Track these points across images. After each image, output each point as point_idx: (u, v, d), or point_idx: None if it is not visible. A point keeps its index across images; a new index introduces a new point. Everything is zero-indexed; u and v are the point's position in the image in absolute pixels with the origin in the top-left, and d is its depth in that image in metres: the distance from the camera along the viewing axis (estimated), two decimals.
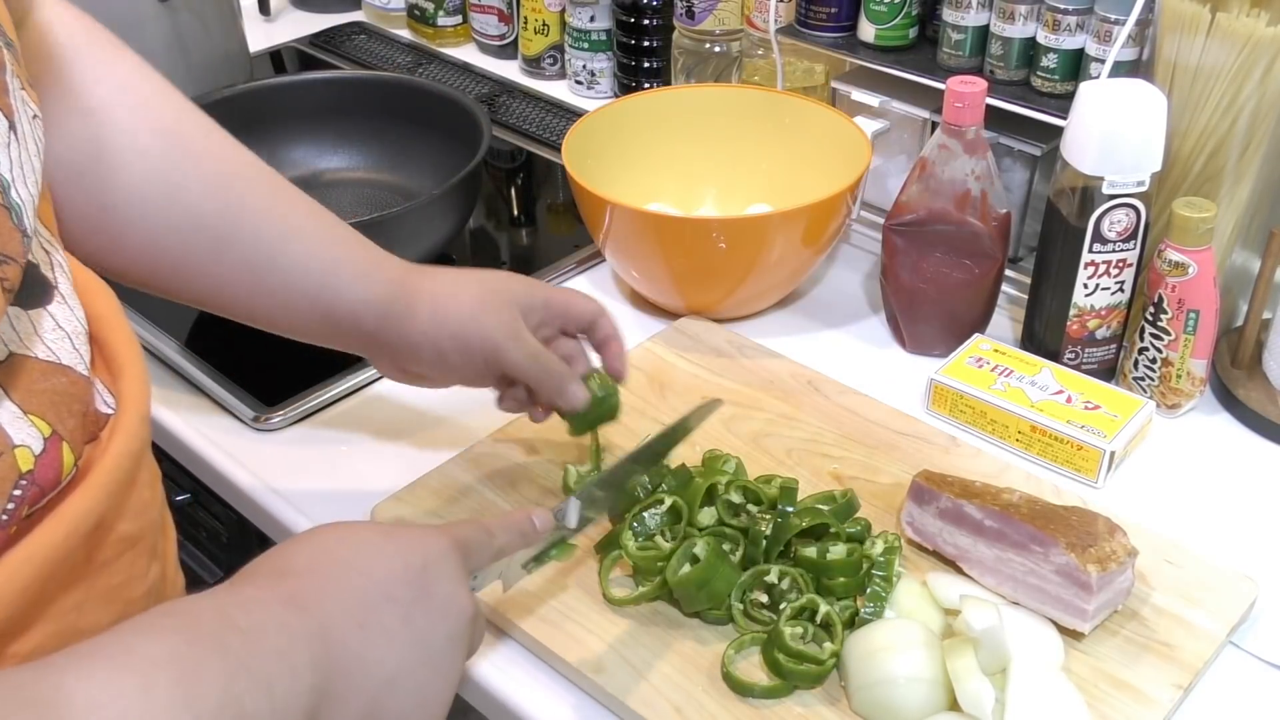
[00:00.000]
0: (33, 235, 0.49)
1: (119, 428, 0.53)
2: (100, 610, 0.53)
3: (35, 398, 0.48)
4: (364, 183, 1.18)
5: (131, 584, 0.55)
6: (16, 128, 0.48)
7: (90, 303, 0.57)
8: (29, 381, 0.48)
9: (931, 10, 1.01)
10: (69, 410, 0.50)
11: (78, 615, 0.52)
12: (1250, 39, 0.81)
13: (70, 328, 0.52)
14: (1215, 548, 0.77)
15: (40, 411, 0.48)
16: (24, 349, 0.49)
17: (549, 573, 0.75)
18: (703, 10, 1.20)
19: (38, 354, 0.49)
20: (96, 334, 0.57)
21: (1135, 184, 0.84)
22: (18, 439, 0.47)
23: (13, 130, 0.47)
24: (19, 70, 0.51)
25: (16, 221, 0.46)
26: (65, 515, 0.49)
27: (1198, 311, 0.85)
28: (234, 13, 1.36)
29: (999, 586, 0.72)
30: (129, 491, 0.54)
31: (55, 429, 0.48)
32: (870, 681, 0.66)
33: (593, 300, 0.79)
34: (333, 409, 0.92)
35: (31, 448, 0.47)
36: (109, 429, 0.53)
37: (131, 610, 0.56)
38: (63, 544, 0.48)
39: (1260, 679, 0.71)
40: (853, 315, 1.02)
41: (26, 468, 0.47)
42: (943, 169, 0.90)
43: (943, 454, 0.84)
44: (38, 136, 0.51)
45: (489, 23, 1.46)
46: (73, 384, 0.51)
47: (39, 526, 0.48)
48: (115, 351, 0.57)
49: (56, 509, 0.49)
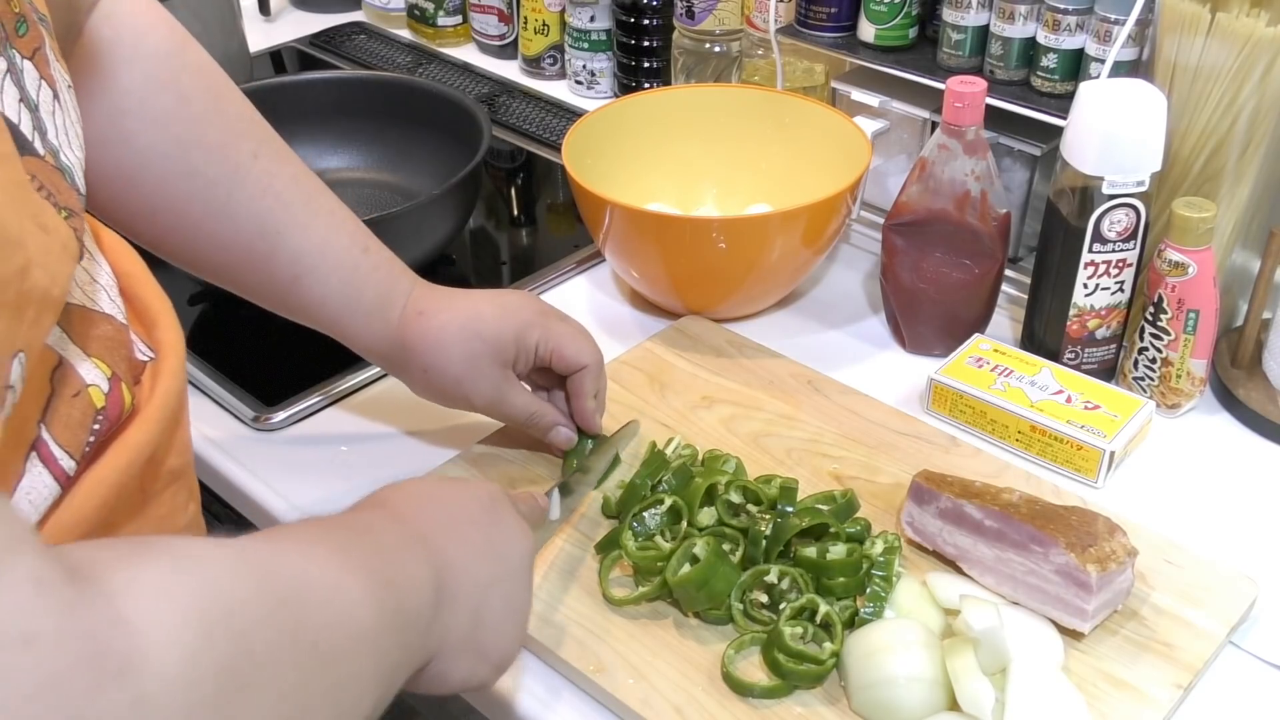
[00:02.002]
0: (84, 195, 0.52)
1: (162, 372, 0.57)
2: None
3: (95, 343, 0.52)
4: (364, 183, 1.18)
5: (175, 515, 0.59)
6: (60, 97, 0.51)
7: (117, 261, 0.61)
8: (88, 328, 0.53)
9: (931, 10, 1.01)
10: (119, 355, 0.54)
11: None
12: (1250, 39, 0.81)
13: (104, 282, 0.56)
14: (1215, 548, 0.77)
15: (100, 355, 0.52)
16: (76, 300, 0.53)
17: (549, 573, 0.75)
18: (703, 10, 1.20)
19: (85, 304, 0.53)
20: (127, 289, 0.60)
21: (1135, 184, 0.84)
22: (89, 379, 0.51)
23: (57, 99, 0.50)
24: (53, 44, 0.53)
25: (70, 181, 0.50)
26: (127, 445, 0.53)
27: (1198, 311, 0.85)
28: (234, 13, 1.37)
29: (999, 586, 0.72)
30: (175, 429, 0.58)
31: (114, 370, 0.53)
32: (870, 681, 0.66)
33: (586, 349, 0.81)
34: (333, 409, 0.92)
35: (100, 387, 0.51)
36: (150, 373, 0.57)
37: None
38: (125, 470, 0.52)
39: (1260, 679, 0.71)
40: (853, 315, 1.02)
41: (100, 405, 0.51)
42: (943, 169, 0.90)
43: (943, 454, 0.84)
44: (73, 104, 0.54)
45: (489, 23, 1.46)
46: (117, 331, 0.55)
47: (104, 456, 0.52)
48: (147, 305, 0.60)
49: (118, 440, 0.53)
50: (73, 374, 0.50)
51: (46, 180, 0.47)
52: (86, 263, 0.55)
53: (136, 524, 0.55)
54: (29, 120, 0.48)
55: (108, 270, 0.58)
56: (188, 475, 0.61)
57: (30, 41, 0.49)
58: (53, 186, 0.47)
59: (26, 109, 0.48)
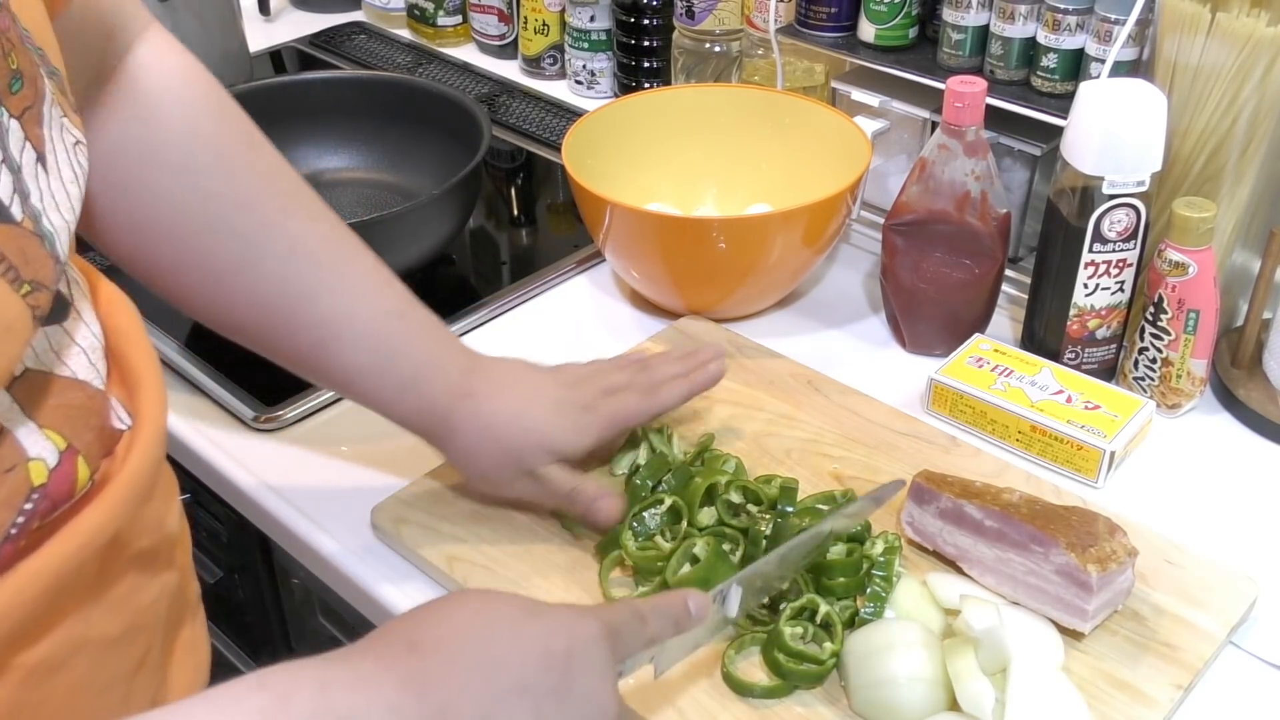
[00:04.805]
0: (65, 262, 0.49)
1: (135, 444, 0.53)
2: (108, 620, 0.53)
3: (52, 413, 0.48)
4: (364, 183, 1.18)
5: (140, 593, 0.55)
6: (45, 159, 0.48)
7: (110, 316, 0.57)
8: (46, 397, 0.48)
9: (931, 10, 1.01)
10: (85, 425, 0.50)
11: (86, 626, 0.51)
12: (1250, 39, 0.81)
13: (86, 344, 0.52)
14: (1215, 548, 0.77)
15: (56, 426, 0.48)
16: (41, 365, 0.49)
17: (549, 573, 0.75)
18: (703, 10, 1.20)
19: (55, 370, 0.49)
20: (116, 348, 0.56)
21: (1135, 184, 0.84)
22: (33, 452, 0.46)
23: (41, 163, 0.48)
24: (61, 98, 0.51)
25: (50, 248, 0.47)
26: (79, 529, 0.48)
27: (1198, 311, 0.85)
28: (234, 13, 1.37)
29: (999, 586, 0.72)
30: (144, 507, 0.54)
31: (71, 443, 0.48)
32: (870, 681, 0.66)
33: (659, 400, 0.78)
34: (333, 409, 0.92)
35: (46, 461, 0.47)
36: (125, 444, 0.53)
37: (140, 619, 0.55)
38: (74, 557, 0.48)
39: (1260, 679, 0.71)
40: (853, 315, 1.02)
41: (39, 481, 0.46)
42: (943, 169, 0.90)
43: (943, 454, 0.84)
44: (77, 163, 0.51)
45: (489, 23, 1.46)
46: (89, 399, 0.51)
47: (51, 539, 0.47)
48: (133, 367, 0.56)
49: (70, 522, 0.48)
50: (11, 447, 0.46)
51: (14, 251, 0.44)
52: (69, 324, 0.52)
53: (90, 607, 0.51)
54: (9, 183, 0.45)
55: (94, 330, 0.54)
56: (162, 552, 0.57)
57: (22, 100, 0.47)
58: (21, 258, 0.44)
59: (8, 170, 0.45)
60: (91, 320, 0.54)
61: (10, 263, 0.44)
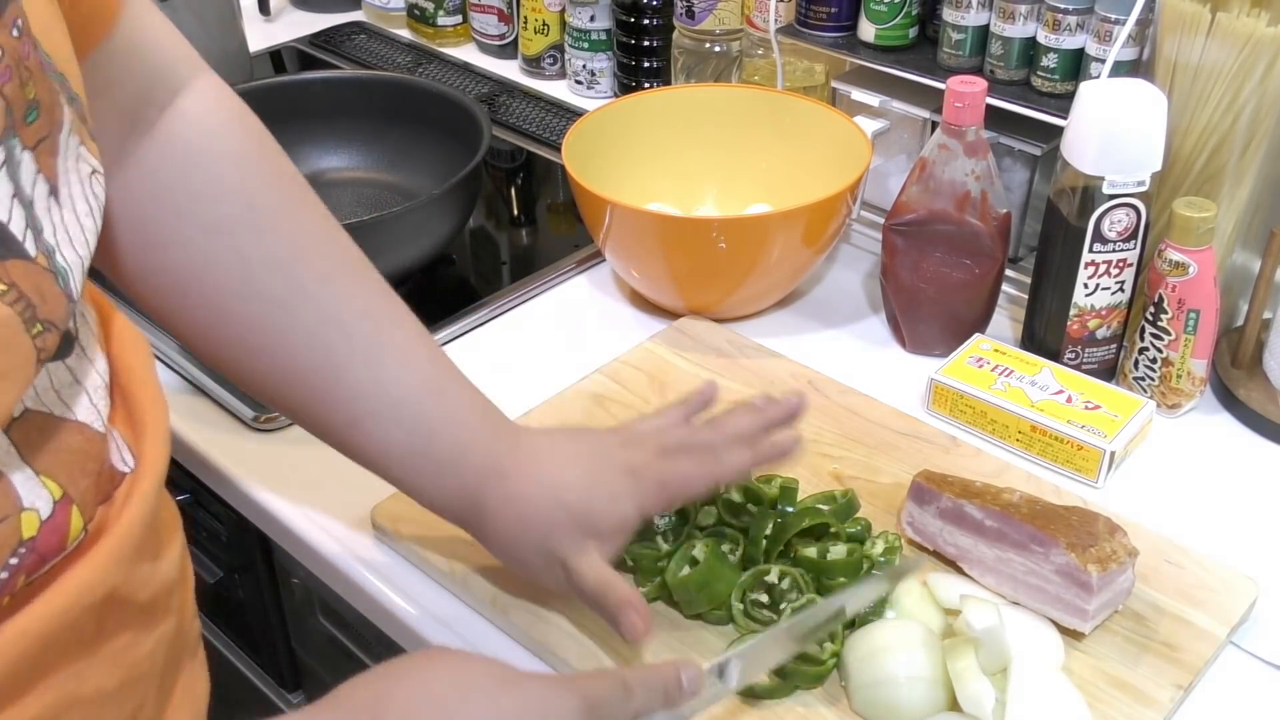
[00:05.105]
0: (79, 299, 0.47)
1: (135, 490, 0.51)
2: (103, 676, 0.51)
3: (50, 457, 0.46)
4: (364, 183, 1.18)
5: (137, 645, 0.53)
6: (59, 191, 0.46)
7: (120, 353, 0.55)
8: (45, 440, 0.46)
9: (931, 10, 1.01)
10: (82, 470, 0.47)
11: (79, 683, 0.49)
12: (1250, 39, 0.81)
13: (90, 383, 0.50)
14: (1215, 548, 0.77)
15: (53, 472, 0.46)
16: (41, 406, 0.46)
17: None
18: (703, 10, 1.20)
19: (55, 411, 0.47)
20: (122, 385, 0.54)
21: (1135, 184, 0.84)
22: (27, 501, 0.44)
23: (54, 195, 0.46)
24: (80, 126, 0.49)
25: (63, 285, 0.45)
26: (68, 586, 0.46)
27: (1198, 311, 0.85)
28: (234, 13, 1.37)
29: (999, 586, 0.72)
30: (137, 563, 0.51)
31: (67, 490, 0.46)
32: (870, 681, 0.66)
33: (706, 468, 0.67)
34: None
35: (40, 511, 0.45)
36: (125, 488, 0.51)
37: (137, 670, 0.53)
38: (62, 616, 0.46)
39: (1260, 679, 0.71)
40: (853, 315, 1.02)
41: (29, 534, 0.44)
42: (943, 169, 0.90)
43: (943, 454, 0.84)
44: (93, 194, 0.49)
45: (489, 22, 1.46)
46: (88, 441, 0.48)
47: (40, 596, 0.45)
48: (139, 407, 0.54)
49: (60, 579, 0.46)
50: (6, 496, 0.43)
51: (31, 288, 0.42)
52: (73, 361, 0.49)
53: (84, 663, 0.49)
54: (21, 217, 0.43)
55: (99, 368, 0.51)
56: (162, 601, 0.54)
57: (37, 130, 0.45)
58: (38, 295, 0.43)
59: (20, 204, 0.43)
60: (97, 357, 0.52)
61: (29, 300, 0.42)
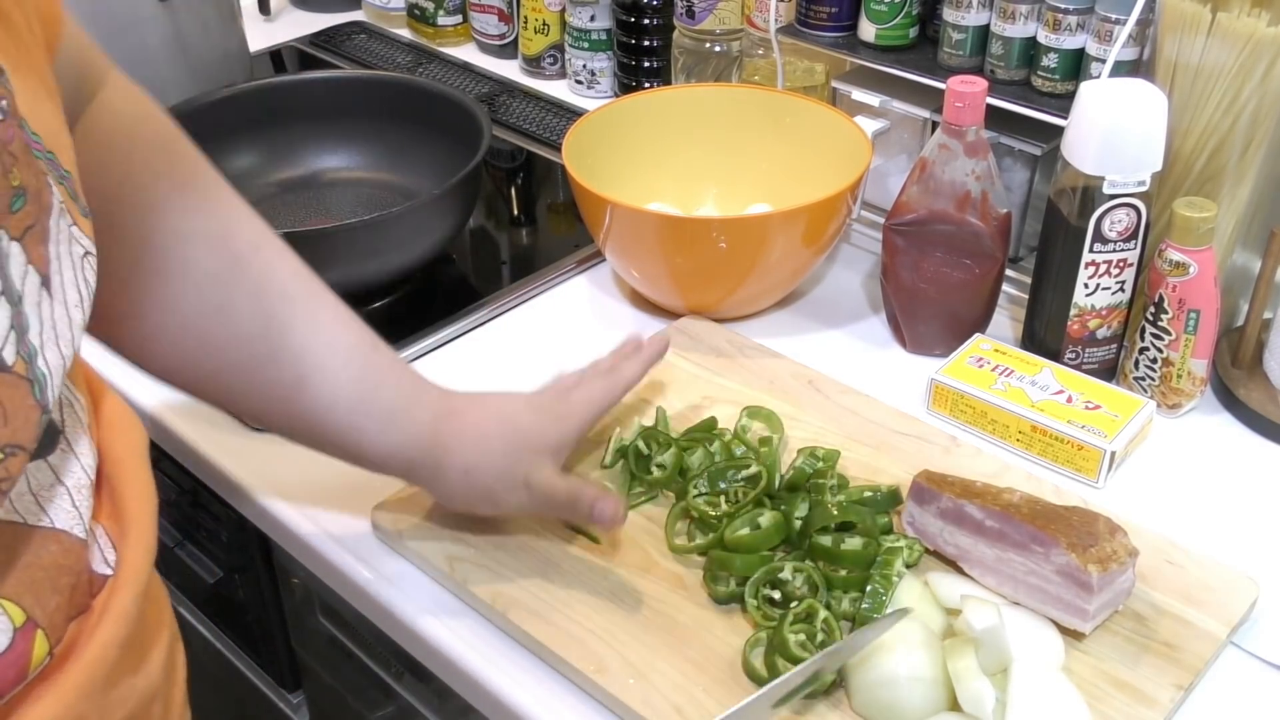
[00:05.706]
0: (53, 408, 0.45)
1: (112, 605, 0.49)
2: None
3: (15, 575, 0.44)
4: (364, 183, 1.18)
5: None
6: (50, 281, 0.45)
7: (110, 443, 0.54)
8: (15, 556, 0.44)
9: (932, 10, 1.01)
10: (54, 587, 0.45)
11: None
12: (1251, 39, 0.81)
13: (72, 480, 0.49)
14: (1215, 548, 0.77)
15: (18, 595, 0.44)
16: (15, 515, 0.45)
17: (550, 574, 0.75)
18: (703, 10, 1.20)
19: (29, 520, 0.45)
20: (110, 478, 0.53)
21: (1136, 184, 0.84)
22: None
23: (45, 287, 0.44)
24: (71, 205, 0.48)
25: (39, 396, 0.43)
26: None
27: (1198, 311, 0.85)
28: (234, 12, 1.36)
29: (999, 586, 0.72)
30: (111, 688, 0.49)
31: (31, 615, 0.44)
32: (871, 681, 0.66)
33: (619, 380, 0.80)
34: None
35: None
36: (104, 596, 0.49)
37: None
38: None
39: (1261, 679, 0.71)
40: (853, 315, 1.02)
41: None
42: (943, 169, 0.90)
43: (943, 454, 0.84)
44: (84, 280, 0.48)
45: (489, 22, 1.46)
46: (64, 552, 0.46)
47: None
48: (125, 502, 0.53)
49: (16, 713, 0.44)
50: None
51: None
52: (56, 458, 0.47)
53: None
54: (6, 318, 0.41)
55: (85, 464, 0.50)
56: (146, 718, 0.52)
57: (24, 218, 0.43)
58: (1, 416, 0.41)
59: (8, 302, 0.42)
60: (85, 451, 0.50)
61: None
